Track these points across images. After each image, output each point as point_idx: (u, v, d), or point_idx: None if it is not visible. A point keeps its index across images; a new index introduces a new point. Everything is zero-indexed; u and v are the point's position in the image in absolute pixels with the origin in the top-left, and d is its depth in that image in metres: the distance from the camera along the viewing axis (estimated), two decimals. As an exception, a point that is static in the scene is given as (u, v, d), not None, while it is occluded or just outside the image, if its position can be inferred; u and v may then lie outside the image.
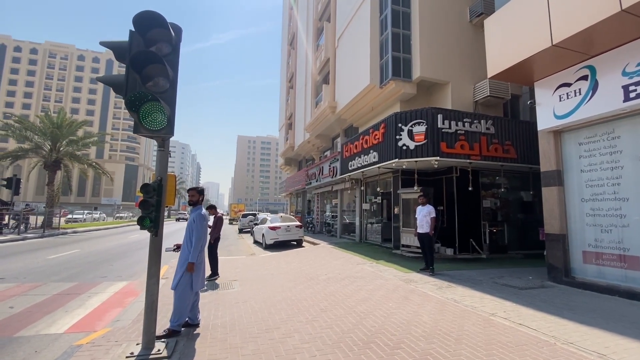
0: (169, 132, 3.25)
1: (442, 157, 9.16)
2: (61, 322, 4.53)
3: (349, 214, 16.72)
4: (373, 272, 7.63)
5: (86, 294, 5.97)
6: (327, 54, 18.21)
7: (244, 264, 9.47)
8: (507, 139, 9.87)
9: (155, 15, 3.16)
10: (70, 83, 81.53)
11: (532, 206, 11.02)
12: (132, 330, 4.06)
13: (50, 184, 21.31)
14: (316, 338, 3.74)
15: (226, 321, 4.35)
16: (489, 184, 11.07)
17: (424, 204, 7.82)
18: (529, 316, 4.45)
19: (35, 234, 17.21)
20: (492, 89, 10.95)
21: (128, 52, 3.25)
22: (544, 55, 5.90)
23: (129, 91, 3.17)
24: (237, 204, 49.38)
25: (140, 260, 9.99)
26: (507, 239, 10.86)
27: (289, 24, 31.65)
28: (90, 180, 65.70)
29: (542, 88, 6.86)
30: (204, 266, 4.34)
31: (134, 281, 7.10)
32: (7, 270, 8.06)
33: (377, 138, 10.78)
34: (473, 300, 5.24)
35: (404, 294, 5.71)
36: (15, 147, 23.63)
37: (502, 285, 6.36)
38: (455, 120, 9.41)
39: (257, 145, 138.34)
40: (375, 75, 12.43)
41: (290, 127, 28.51)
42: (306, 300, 5.35)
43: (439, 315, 4.51)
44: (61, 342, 3.82)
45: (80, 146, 23.19)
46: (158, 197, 3.23)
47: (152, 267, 3.37)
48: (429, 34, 11.56)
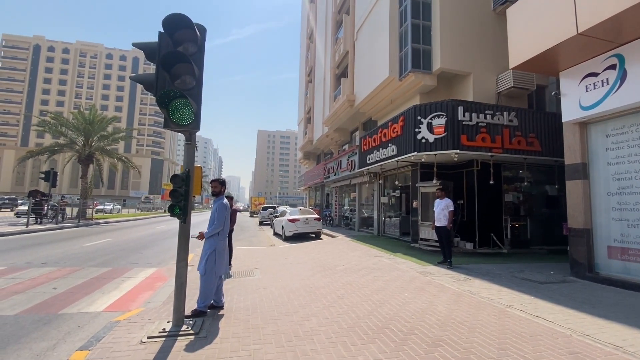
0: (196, 127, 3.49)
1: (463, 150, 9.04)
2: (99, 302, 4.95)
3: (367, 208, 16.78)
4: (390, 264, 7.73)
5: (120, 278, 6.44)
6: (345, 47, 18.15)
7: (264, 253, 9.80)
8: (531, 131, 9.59)
9: (183, 17, 3.38)
10: (100, 81, 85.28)
11: (557, 200, 10.68)
12: (162, 310, 4.40)
13: (83, 177, 22.61)
14: (332, 322, 3.92)
15: (248, 305, 4.62)
16: (512, 177, 10.80)
17: (442, 198, 7.80)
18: (546, 309, 4.44)
19: (71, 223, 18.40)
20: (516, 80, 10.62)
21: (158, 52, 3.50)
22: (569, 44, 5.71)
23: (159, 89, 3.43)
24: (257, 197, 50.46)
25: (167, 248, 10.55)
26: (530, 233, 10.61)
27: (308, 18, 31.62)
28: (120, 174, 68.87)
29: (567, 78, 6.64)
30: (226, 253, 4.58)
31: (162, 268, 7.56)
32: (49, 255, 8.76)
33: (395, 131, 10.75)
34: (490, 293, 5.25)
35: (420, 285, 5.79)
36: (52, 143, 25.19)
37: (522, 279, 6.30)
38: (476, 113, 9.24)
39: (276, 140, 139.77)
40: (394, 67, 12.32)
41: (309, 121, 28.68)
42: (323, 288, 5.55)
43: (454, 306, 4.58)
44: (100, 319, 4.21)
45: (110, 141, 24.42)
46: (186, 187, 3.49)
47: (181, 252, 3.65)
48: (450, 24, 11.31)
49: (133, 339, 3.42)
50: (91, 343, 3.32)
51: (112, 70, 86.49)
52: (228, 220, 4.53)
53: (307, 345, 3.27)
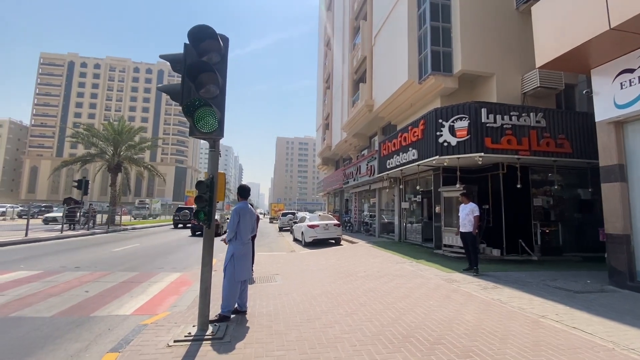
0: (220, 134, 3.57)
1: (487, 153, 8.76)
2: (128, 305, 5.11)
3: (387, 213, 16.53)
4: (413, 271, 7.54)
5: (147, 282, 6.63)
6: (363, 53, 18.15)
7: (284, 259, 9.83)
8: (560, 132, 9.16)
9: (207, 28, 3.49)
10: (128, 93, 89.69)
11: (591, 204, 10.11)
12: (188, 314, 4.48)
13: (113, 185, 23.64)
14: (356, 330, 3.85)
15: (270, 310, 4.62)
16: (541, 181, 10.34)
17: (466, 202, 7.56)
18: (584, 320, 4.18)
19: (101, 229, 19.22)
20: (543, 80, 10.21)
21: (183, 62, 3.62)
22: (600, 40, 5.44)
23: (184, 98, 3.53)
24: (276, 203, 50.89)
25: (191, 254, 10.79)
26: (562, 240, 10.08)
27: (325, 26, 31.95)
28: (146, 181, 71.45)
29: (599, 76, 6.32)
30: (247, 258, 4.54)
31: (187, 272, 7.72)
32: (82, 260, 9.17)
33: (416, 135, 10.57)
34: (521, 302, 5.00)
35: (446, 293, 5.61)
36: (84, 153, 26.56)
37: (555, 288, 5.97)
38: (501, 114, 8.94)
39: (295, 146, 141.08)
40: (413, 70, 12.18)
41: (327, 127, 28.77)
42: (345, 295, 5.48)
43: (483, 315, 4.39)
44: (129, 322, 4.33)
45: (137, 150, 25.47)
46: (211, 193, 3.56)
47: (206, 256, 3.71)
48: (471, 25, 11.08)
49: (160, 342, 3.49)
50: (121, 345, 3.42)
51: (139, 83, 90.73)
52: (245, 226, 4.42)
53: (331, 353, 3.22)
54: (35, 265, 8.16)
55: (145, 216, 41.54)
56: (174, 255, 10.50)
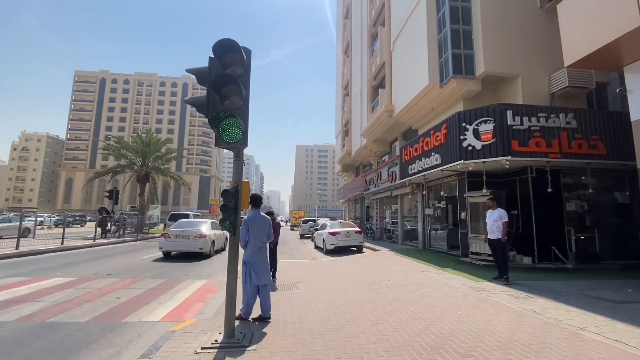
0: (244, 144, 3.66)
1: (514, 157, 8.46)
2: (157, 312, 5.25)
3: (410, 220, 16.22)
4: (439, 280, 7.33)
5: (174, 290, 6.80)
6: (382, 58, 18.13)
7: (307, 267, 9.83)
8: (593, 133, 8.72)
9: (231, 41, 3.61)
10: (155, 106, 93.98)
11: (629, 209, 9.49)
12: (214, 321, 4.55)
13: (141, 195, 24.64)
14: (382, 340, 3.77)
15: (294, 318, 4.62)
16: (573, 184, 9.83)
17: (494, 208, 7.30)
18: (627, 332, 3.89)
19: (130, 237, 20.00)
20: (572, 79, 9.79)
21: (209, 75, 3.75)
22: (633, 36, 5.17)
23: (210, 110, 3.66)
24: (297, 210, 51.07)
25: (215, 261, 11.01)
26: (599, 246, 9.48)
27: (344, 33, 32.21)
28: (172, 191, 74.02)
29: (633, 73, 5.99)
30: (261, 265, 4.62)
31: (212, 280, 7.87)
32: (113, 267, 9.55)
33: (438, 139, 10.38)
34: (557, 313, 4.74)
35: (475, 302, 5.40)
36: (114, 164, 27.93)
37: (593, 298, 5.62)
38: (527, 116, 8.64)
39: (314, 154, 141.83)
40: (434, 74, 12.02)
41: (347, 134, 28.77)
42: (370, 304, 5.39)
43: (515, 326, 4.19)
44: (158, 328, 4.45)
45: (164, 161, 26.49)
46: (235, 201, 3.63)
47: (231, 264, 3.78)
48: (492, 26, 10.83)
49: (188, 349, 3.56)
50: (151, 351, 3.52)
51: (165, 97, 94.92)
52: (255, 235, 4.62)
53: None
54: (70, 272, 8.59)
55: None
56: (198, 263, 10.73)
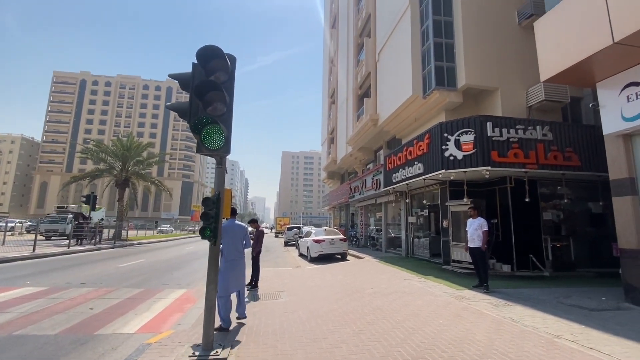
0: (227, 151, 3.61)
1: (494, 167, 8.70)
2: (132, 323, 5.05)
3: (394, 228, 16.36)
4: (421, 288, 7.38)
5: (152, 299, 6.57)
6: (368, 69, 18.43)
7: (290, 275, 9.71)
8: (568, 145, 9.09)
9: (215, 48, 3.58)
10: (137, 110, 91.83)
11: (602, 218, 9.90)
12: (192, 333, 4.41)
13: (120, 200, 23.86)
14: (364, 350, 3.74)
15: (276, 329, 4.53)
16: (550, 194, 10.18)
17: (475, 217, 7.45)
18: (601, 340, 4.01)
19: (107, 244, 19.28)
20: (548, 93, 10.23)
21: (191, 82, 3.70)
22: (604, 54, 5.46)
23: (192, 116, 3.60)
24: (282, 217, 50.69)
25: (196, 270, 10.73)
26: (574, 255, 9.82)
27: (330, 42, 32.63)
28: (152, 196, 72.06)
29: (605, 89, 6.31)
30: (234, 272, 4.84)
31: (192, 289, 7.65)
32: (87, 276, 9.16)
33: (421, 149, 10.57)
34: (534, 321, 4.84)
35: (456, 311, 5.46)
36: (93, 168, 26.98)
37: (569, 305, 5.78)
38: (507, 128, 8.93)
39: (300, 160, 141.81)
40: (417, 85, 12.30)
41: (333, 142, 28.94)
42: (352, 313, 5.36)
43: (494, 335, 4.25)
44: (133, 341, 4.27)
45: (145, 165, 25.81)
46: (217, 209, 3.56)
47: (211, 274, 3.68)
48: (473, 40, 11.22)
49: (164, 362, 3.43)
50: (124, 366, 3.36)
51: (148, 100, 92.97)
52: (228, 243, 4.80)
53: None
54: (41, 281, 8.17)
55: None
56: (178, 271, 10.44)
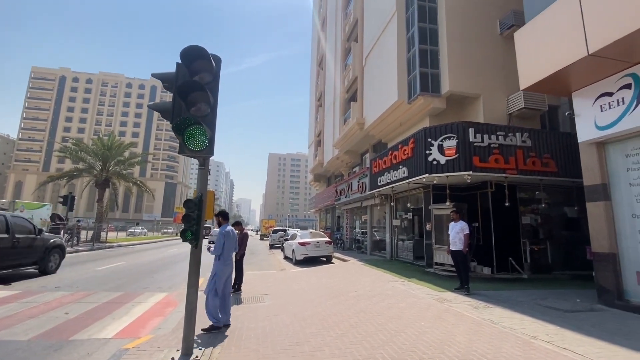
0: (210, 152, 3.56)
1: (475, 172, 8.91)
2: (110, 328, 4.89)
3: (379, 231, 16.50)
4: (405, 290, 7.47)
5: (131, 303, 6.38)
6: (354, 73, 18.61)
7: (275, 278, 9.64)
8: (545, 151, 9.42)
9: (199, 48, 3.54)
10: (119, 108, 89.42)
11: (577, 223, 10.28)
12: (172, 337, 4.31)
13: (100, 201, 23.12)
14: (346, 353, 3.75)
15: (258, 333, 4.49)
16: (528, 199, 10.52)
17: (457, 220, 7.61)
18: (575, 340, 4.16)
19: (85, 247, 18.64)
20: (527, 101, 10.59)
21: (175, 81, 3.64)
22: (580, 65, 5.70)
23: (175, 116, 3.54)
24: (268, 219, 50.21)
25: (177, 273, 10.50)
26: (551, 258, 10.16)
27: (318, 46, 32.79)
28: (134, 197, 70.32)
29: (580, 98, 6.58)
30: (229, 275, 5.07)
31: (173, 293, 7.48)
32: (63, 279, 8.82)
33: (406, 153, 10.73)
34: (512, 322, 4.97)
35: (437, 313, 5.54)
36: (71, 168, 26.06)
37: (545, 307, 5.96)
38: (488, 134, 9.17)
39: (287, 163, 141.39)
40: (403, 91, 12.50)
41: (319, 144, 29.01)
42: (336, 316, 5.37)
43: (474, 336, 4.34)
44: (110, 346, 4.13)
45: (127, 166, 25.14)
46: (199, 211, 3.51)
47: (192, 277, 3.62)
48: (457, 48, 11.51)
49: (141, 368, 3.33)
50: (99, 372, 3.25)
51: (131, 99, 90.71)
52: (230, 247, 5.04)
53: (320, 378, 3.11)
54: (13, 285, 7.81)
55: None
56: (159, 274, 10.19)
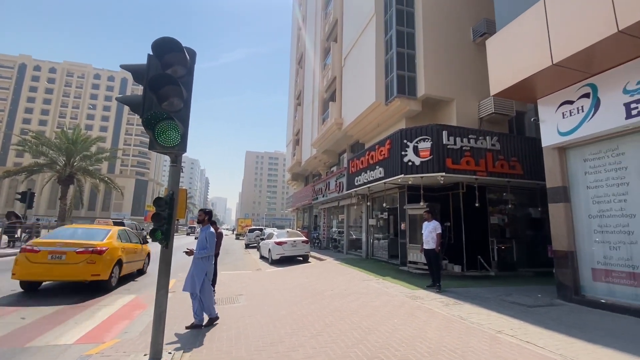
0: (182, 149, 3.44)
1: (448, 173, 9.21)
2: (71, 333, 4.61)
3: (355, 230, 16.68)
4: (379, 289, 7.59)
5: (95, 307, 6.06)
6: (334, 73, 18.67)
7: (250, 278, 9.50)
8: (512, 155, 9.90)
9: (172, 40, 3.40)
10: (86, 101, 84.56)
11: (540, 223, 10.88)
12: (139, 341, 4.13)
13: (63, 198, 21.82)
14: (320, 352, 3.75)
15: (232, 334, 4.39)
16: (496, 200, 11.01)
17: (430, 220, 7.83)
18: (536, 334, 4.40)
19: (46, 247, 17.47)
20: (497, 106, 11.07)
21: (146, 74, 3.48)
22: (544, 74, 6.03)
23: (145, 111, 3.38)
24: (244, 219, 49.42)
25: (148, 274, 10.09)
26: (516, 256, 10.70)
27: (297, 44, 32.62)
28: (101, 195, 66.97)
29: (545, 105, 6.96)
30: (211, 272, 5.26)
31: (142, 295, 7.18)
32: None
33: (382, 154, 10.91)
34: (480, 318, 5.18)
35: (410, 310, 5.68)
36: (31, 162, 24.36)
37: (510, 303, 6.27)
38: (460, 137, 9.51)
39: (264, 161, 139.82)
40: (380, 93, 12.69)
41: (298, 143, 28.89)
42: (311, 315, 5.36)
43: (444, 332, 4.48)
44: (70, 353, 3.90)
45: (94, 161, 23.87)
46: (170, 210, 3.38)
47: (162, 279, 3.48)
48: (433, 53, 11.84)
49: (105, 375, 3.17)
50: (58, 381, 3.06)
51: (99, 91, 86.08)
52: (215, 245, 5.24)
53: (293, 379, 3.09)
54: (-39, 288, 7.20)
55: None
56: (127, 276, 9.73)
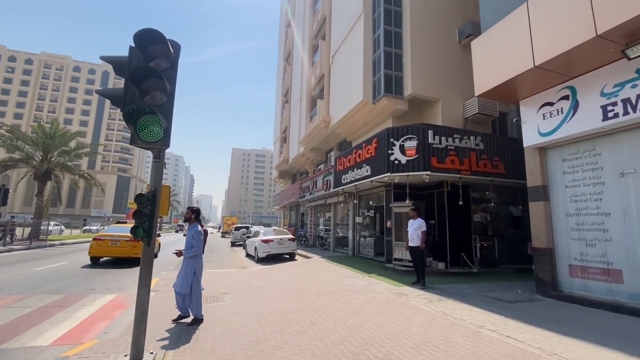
0: (165, 144, 3.34)
1: (433, 172, 9.35)
2: (47, 334, 4.45)
3: (342, 228, 16.74)
4: (365, 286, 7.64)
5: (73, 307, 5.86)
6: (322, 70, 18.63)
7: (236, 276, 9.40)
8: (495, 154, 10.14)
9: (155, 32, 3.30)
10: (65, 94, 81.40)
11: (521, 221, 11.21)
12: (120, 342, 4.02)
13: (39, 195, 20.99)
14: (306, 350, 3.75)
15: (216, 333, 4.33)
16: (480, 198, 11.26)
17: (415, 218, 7.93)
18: (516, 328, 4.52)
19: (21, 245, 16.83)
20: (481, 107, 11.30)
21: (127, 67, 3.37)
22: (526, 75, 6.19)
23: (127, 104, 3.27)
24: (230, 216, 48.79)
25: (129, 273, 9.84)
26: (498, 253, 10.99)
27: (285, 41, 32.37)
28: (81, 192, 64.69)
29: (527, 106, 7.15)
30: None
31: (123, 294, 6.99)
32: (-8, 282, 7.87)
33: (369, 152, 10.97)
34: (462, 313, 5.29)
35: (395, 307, 5.74)
36: (5, 157, 23.28)
37: (492, 298, 6.43)
38: (445, 136, 9.66)
39: (251, 158, 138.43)
40: (368, 91, 12.74)
41: (285, 141, 28.74)
42: (297, 313, 5.35)
43: (428, 328, 4.55)
44: (46, 355, 3.76)
45: (73, 157, 23.00)
46: (152, 207, 3.28)
47: (143, 277, 3.39)
48: (419, 53, 11.97)
49: (83, 377, 3.07)
50: (32, 384, 2.94)
51: (79, 84, 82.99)
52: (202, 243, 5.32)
53: (278, 377, 3.07)
54: None
55: None
56: (109, 274, 9.48)
